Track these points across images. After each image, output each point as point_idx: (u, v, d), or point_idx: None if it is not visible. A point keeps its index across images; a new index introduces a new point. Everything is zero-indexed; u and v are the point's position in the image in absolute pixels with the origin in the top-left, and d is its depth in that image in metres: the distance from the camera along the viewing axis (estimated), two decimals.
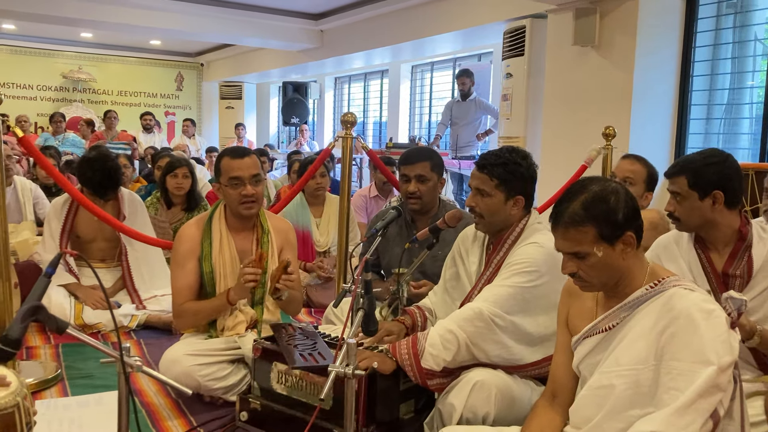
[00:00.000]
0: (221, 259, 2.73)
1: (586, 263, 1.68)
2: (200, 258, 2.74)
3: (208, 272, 2.73)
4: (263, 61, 11.78)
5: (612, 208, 1.65)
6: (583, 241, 1.66)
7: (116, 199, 3.93)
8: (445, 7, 7.48)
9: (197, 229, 2.80)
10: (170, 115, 14.05)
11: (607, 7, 5.24)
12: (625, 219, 1.66)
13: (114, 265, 3.96)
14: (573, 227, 1.67)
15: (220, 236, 2.77)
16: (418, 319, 2.50)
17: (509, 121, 6.42)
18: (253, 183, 2.72)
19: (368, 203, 5.42)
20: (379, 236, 2.58)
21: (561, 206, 1.71)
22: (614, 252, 1.67)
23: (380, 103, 11.20)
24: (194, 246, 2.76)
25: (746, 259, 2.16)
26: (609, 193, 1.67)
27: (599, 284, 1.72)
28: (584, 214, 1.65)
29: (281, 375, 2.34)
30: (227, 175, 2.72)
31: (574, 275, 1.72)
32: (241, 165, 2.71)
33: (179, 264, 2.76)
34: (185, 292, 2.73)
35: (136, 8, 8.75)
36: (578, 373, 1.83)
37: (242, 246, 2.81)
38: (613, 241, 1.66)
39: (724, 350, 1.53)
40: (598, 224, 1.65)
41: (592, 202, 1.66)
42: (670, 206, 2.22)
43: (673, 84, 5.30)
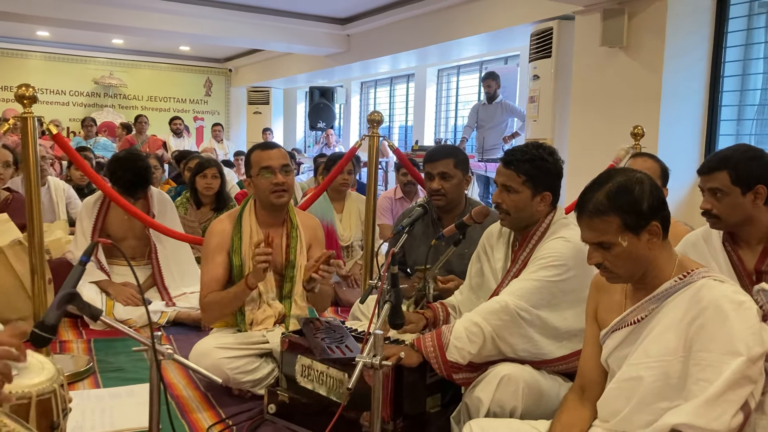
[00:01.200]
0: (251, 253, 2.76)
1: (611, 253, 1.67)
2: (230, 251, 2.79)
3: (238, 265, 2.77)
4: (290, 66, 11.88)
5: (637, 197, 1.64)
6: (608, 230, 1.65)
7: (146, 198, 4.00)
8: (471, 10, 7.48)
9: (228, 223, 2.85)
10: (199, 120, 14.23)
11: (635, 8, 5.20)
12: (650, 209, 1.65)
13: (144, 263, 4.02)
14: (597, 217, 1.66)
15: (250, 230, 2.81)
16: (440, 314, 2.50)
17: (536, 123, 6.39)
18: (283, 172, 2.78)
19: (393, 205, 5.44)
20: (405, 233, 2.59)
21: (586, 196, 1.71)
22: (639, 242, 1.66)
23: (406, 107, 11.22)
24: (224, 239, 2.81)
25: None
26: (634, 182, 1.66)
27: (626, 275, 1.70)
28: (608, 204, 1.65)
29: (304, 369, 2.36)
30: (258, 165, 2.78)
31: (600, 266, 1.71)
32: (271, 155, 2.79)
33: (208, 257, 2.81)
34: (212, 284, 2.77)
35: (166, 14, 8.89)
36: (607, 367, 1.82)
37: (274, 241, 2.81)
38: (638, 231, 1.65)
39: (755, 341, 1.52)
40: (622, 214, 1.64)
41: (617, 191, 1.65)
42: (707, 204, 2.16)
43: (703, 85, 5.24)
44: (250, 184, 2.85)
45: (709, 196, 2.17)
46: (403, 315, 2.29)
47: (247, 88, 13.69)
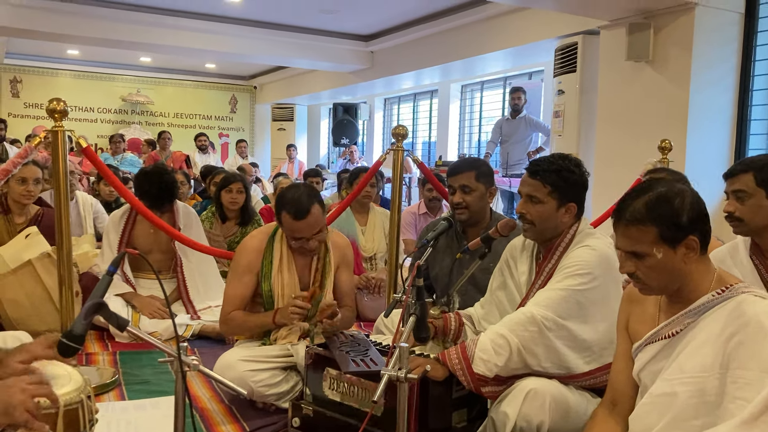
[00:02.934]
0: (280, 279, 2.76)
1: (644, 264, 1.63)
2: (259, 275, 2.79)
3: (267, 291, 2.77)
4: (314, 82, 11.98)
5: (676, 209, 1.60)
6: (643, 240, 1.62)
7: (172, 212, 4.03)
8: (495, 26, 7.49)
9: (260, 243, 2.83)
10: (224, 137, 14.39)
11: (661, 22, 5.17)
12: (689, 222, 1.60)
13: (169, 277, 4.04)
14: (634, 225, 1.63)
15: (281, 255, 2.79)
16: (451, 324, 2.46)
17: (561, 138, 6.36)
18: (317, 236, 2.71)
19: (417, 220, 5.43)
20: (430, 246, 2.57)
21: (624, 203, 1.67)
22: (675, 255, 1.62)
23: (429, 123, 11.23)
24: (255, 261, 2.79)
25: None
26: (674, 194, 1.63)
27: (658, 288, 1.67)
28: (646, 213, 1.61)
29: (333, 381, 2.34)
30: (290, 233, 2.70)
31: (633, 276, 1.67)
32: (302, 228, 2.66)
33: (237, 274, 2.80)
34: (237, 301, 2.77)
35: (193, 32, 9.03)
36: (638, 381, 1.78)
37: (302, 264, 2.84)
38: (674, 243, 1.61)
39: None
40: (660, 225, 1.60)
41: (656, 202, 1.62)
42: (731, 206, 2.16)
43: (732, 98, 5.18)
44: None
45: (733, 199, 2.15)
46: (429, 328, 2.27)
47: (272, 104, 13.83)
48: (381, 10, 8.27)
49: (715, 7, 5.00)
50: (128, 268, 3.95)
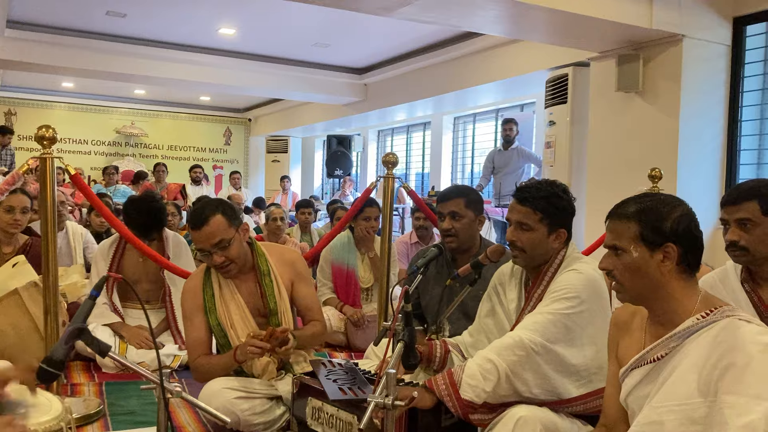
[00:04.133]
0: (224, 310, 2.68)
1: (621, 261, 1.67)
2: (205, 311, 2.69)
3: (216, 325, 2.68)
4: (309, 115, 12.06)
5: (662, 215, 1.64)
6: (624, 235, 1.66)
7: (161, 241, 4.00)
8: (487, 59, 7.58)
9: (197, 281, 2.75)
10: (218, 169, 14.42)
11: (650, 54, 5.23)
12: (671, 231, 1.63)
13: (158, 307, 4.01)
14: (619, 220, 1.68)
15: (219, 285, 2.71)
16: (436, 351, 2.40)
17: (553, 168, 6.39)
18: (220, 250, 2.57)
19: (409, 249, 5.43)
20: (420, 274, 2.56)
21: (618, 204, 1.73)
22: (651, 259, 1.63)
23: (423, 155, 11.29)
24: (197, 300, 2.71)
25: None
26: (666, 203, 1.67)
27: (630, 290, 1.67)
28: (634, 212, 1.67)
29: (315, 411, 2.31)
30: (196, 244, 2.62)
31: (609, 274, 1.70)
32: (200, 237, 2.57)
33: (188, 318, 2.73)
34: (198, 347, 2.70)
35: (187, 64, 9.11)
36: (626, 407, 1.75)
37: (247, 288, 2.74)
38: (653, 247, 1.63)
39: None
40: (642, 224, 1.64)
41: (646, 206, 1.67)
42: (735, 235, 2.10)
43: (721, 129, 5.22)
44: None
45: (737, 227, 2.11)
46: (418, 355, 2.24)
47: (266, 137, 13.90)
48: (374, 44, 8.37)
49: (703, 40, 5.07)
50: (117, 298, 3.91)
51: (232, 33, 8.22)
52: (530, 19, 4.97)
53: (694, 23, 5.00)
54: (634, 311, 1.79)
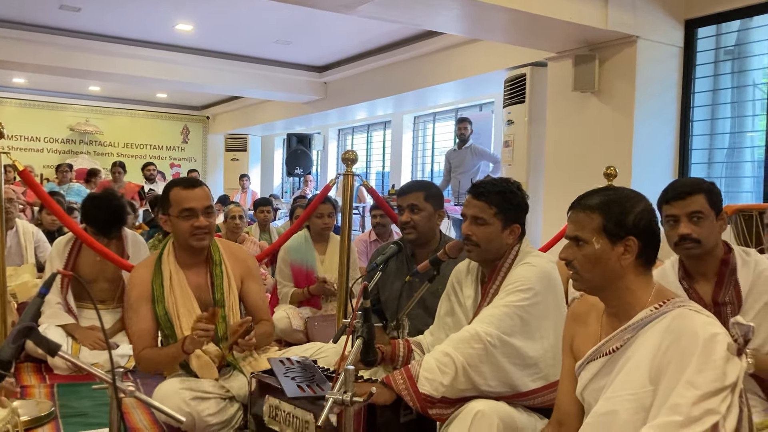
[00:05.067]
0: (173, 299, 2.63)
1: (582, 252, 1.68)
2: (153, 301, 2.64)
3: (163, 315, 2.62)
4: (268, 113, 11.96)
5: (626, 209, 1.67)
6: (587, 226, 1.68)
7: (120, 240, 3.92)
8: (446, 58, 7.63)
9: (146, 270, 2.69)
10: (175, 167, 14.21)
11: (606, 54, 5.32)
12: (633, 224, 1.66)
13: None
14: (583, 211, 1.70)
15: (170, 275, 2.66)
16: (399, 350, 2.40)
17: (511, 167, 6.46)
18: (206, 214, 2.62)
19: (368, 248, 5.41)
20: (379, 270, 2.55)
21: (581, 196, 1.75)
22: (612, 252, 1.66)
23: (383, 154, 11.30)
24: (145, 289, 2.65)
25: (733, 285, 2.14)
26: (629, 198, 1.70)
27: (590, 281, 1.69)
28: (597, 204, 1.69)
29: (272, 409, 2.28)
30: (179, 206, 2.60)
31: (569, 264, 1.71)
32: (194, 196, 2.61)
33: (133, 309, 2.65)
34: (143, 338, 2.62)
35: (144, 61, 8.95)
36: (582, 400, 1.77)
37: (196, 281, 2.71)
38: (614, 239, 1.65)
39: (716, 375, 1.48)
40: (605, 217, 1.66)
41: (610, 199, 1.69)
42: (687, 228, 2.16)
43: (674, 128, 5.34)
44: (166, 222, 2.68)
45: (688, 221, 2.16)
46: (376, 352, 2.24)
47: (225, 135, 13.74)
48: (335, 42, 8.34)
49: (656, 41, 5.18)
50: (71, 298, 3.81)
51: (190, 29, 8.10)
52: (489, 19, 5.01)
53: (647, 25, 5.11)
54: (590, 305, 1.81)
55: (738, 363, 1.54)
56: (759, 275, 2.13)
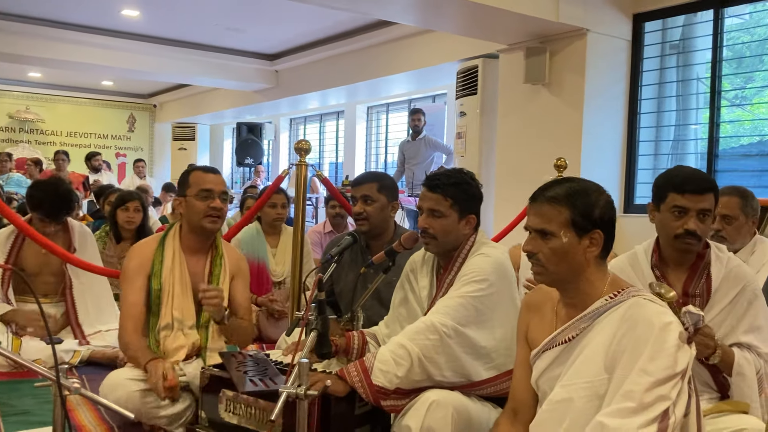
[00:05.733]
0: (171, 279, 2.66)
1: (548, 245, 1.67)
2: (150, 275, 2.68)
3: (156, 289, 2.66)
4: (217, 101, 11.76)
5: (592, 202, 1.68)
6: (554, 220, 1.67)
7: (66, 231, 3.79)
8: (398, 48, 7.61)
9: (150, 246, 2.75)
10: (121, 157, 13.86)
11: (556, 47, 5.39)
12: (599, 217, 1.67)
13: (57, 300, 3.79)
14: (549, 203, 1.68)
15: (173, 255, 2.71)
16: (354, 342, 2.39)
17: (463, 158, 6.49)
18: (222, 198, 2.71)
19: (323, 239, 5.37)
20: (334, 262, 2.52)
21: (544, 187, 1.73)
22: (579, 245, 1.66)
23: (336, 144, 11.23)
24: (145, 261, 2.70)
25: (705, 279, 2.17)
26: (593, 190, 1.71)
27: (554, 274, 1.69)
28: (564, 197, 1.68)
29: (230, 403, 2.24)
30: (198, 186, 2.69)
31: (533, 257, 1.70)
32: (214, 179, 2.73)
33: (127, 280, 2.68)
34: (132, 310, 2.64)
35: (88, 47, 8.67)
36: (537, 389, 1.78)
37: (194, 268, 2.74)
38: (581, 233, 1.66)
39: (668, 363, 1.52)
40: (573, 210, 1.66)
41: (577, 191, 1.69)
42: (695, 225, 2.10)
43: (622, 120, 5.45)
44: (181, 204, 2.73)
45: (697, 217, 2.11)
46: (330, 344, 2.21)
47: (172, 123, 13.46)
48: (286, 30, 8.23)
49: (605, 34, 5.27)
50: (11, 292, 3.66)
51: (137, 15, 7.88)
52: (441, 10, 5.01)
53: (597, 18, 5.19)
54: (545, 294, 1.83)
55: (688, 350, 1.58)
56: (730, 271, 2.15)
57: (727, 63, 5.08)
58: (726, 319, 2.12)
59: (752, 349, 2.10)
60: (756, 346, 2.10)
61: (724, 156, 5.08)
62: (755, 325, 2.12)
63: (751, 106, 5.23)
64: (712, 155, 5.00)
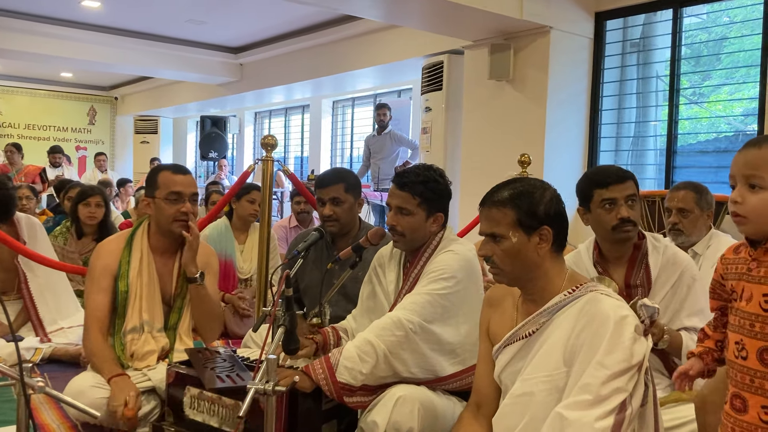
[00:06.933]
0: (139, 280, 2.60)
1: (500, 247, 1.72)
2: (116, 276, 2.60)
3: (123, 291, 2.59)
4: (180, 94, 11.60)
5: (535, 200, 1.72)
6: (502, 222, 1.71)
7: (12, 225, 3.68)
8: (364, 43, 7.60)
9: (117, 245, 2.67)
10: (81, 150, 13.59)
11: (520, 44, 5.45)
12: (545, 214, 1.71)
13: (14, 297, 3.71)
14: (495, 208, 1.73)
15: (141, 255, 2.63)
16: (330, 339, 2.42)
17: (429, 154, 6.53)
18: (192, 201, 2.64)
19: (288, 234, 5.35)
20: (301, 258, 2.53)
21: (491, 192, 1.77)
22: (529, 243, 1.71)
23: (301, 139, 11.19)
24: (112, 262, 2.62)
25: (644, 269, 2.26)
26: (536, 188, 1.75)
27: (511, 273, 1.74)
28: (508, 199, 1.72)
29: (194, 400, 2.23)
30: (167, 189, 2.59)
31: (489, 260, 1.75)
32: (183, 181, 2.63)
33: (94, 280, 2.61)
34: (96, 315, 2.57)
35: (46, 37, 8.48)
36: (500, 383, 1.82)
37: (163, 268, 2.68)
38: (529, 231, 1.70)
39: (624, 356, 1.56)
40: (518, 210, 1.70)
41: (519, 192, 1.73)
42: (627, 212, 2.22)
43: (584, 117, 5.54)
44: (149, 205, 2.65)
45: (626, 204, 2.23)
46: (298, 339, 2.22)
47: (134, 116, 13.24)
48: (250, 23, 8.15)
49: (568, 32, 5.35)
50: None
51: (98, 5, 7.72)
52: (406, 6, 5.03)
53: (560, 16, 5.26)
54: (506, 290, 1.86)
55: (644, 343, 1.63)
56: (668, 260, 2.26)
57: (685, 61, 5.21)
58: (669, 305, 2.22)
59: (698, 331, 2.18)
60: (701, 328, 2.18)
61: (682, 152, 5.21)
62: (697, 308, 2.23)
63: (707, 104, 5.37)
64: (671, 151, 5.12)
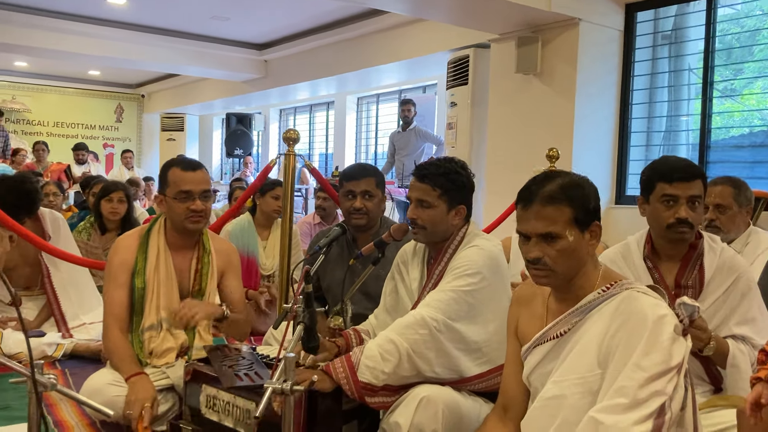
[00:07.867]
0: (156, 277, 2.57)
1: (554, 247, 1.61)
2: (133, 272, 2.57)
3: (140, 288, 2.55)
4: (206, 92, 11.64)
5: (587, 193, 1.63)
6: (558, 220, 1.60)
7: (37, 220, 3.69)
8: (389, 38, 7.53)
9: (134, 240, 2.63)
10: (109, 147, 13.72)
11: (548, 36, 5.33)
12: (594, 209, 1.64)
13: (38, 293, 3.71)
14: (551, 205, 1.60)
15: (157, 251, 2.60)
16: (352, 341, 2.36)
17: (454, 149, 6.44)
18: (203, 198, 2.58)
19: (312, 230, 5.31)
20: (322, 254, 2.47)
21: (533, 188, 1.64)
22: (583, 240, 1.62)
23: (326, 135, 11.15)
24: (129, 258, 2.59)
25: (698, 270, 2.13)
26: (582, 180, 1.66)
27: (561, 274, 1.63)
28: (562, 194, 1.61)
29: (210, 399, 2.18)
30: (177, 187, 2.55)
31: (538, 262, 1.62)
32: (193, 178, 2.56)
33: (111, 276, 2.58)
34: (116, 309, 2.55)
35: (75, 35, 8.54)
36: (528, 385, 1.74)
37: (180, 264, 2.65)
38: (583, 228, 1.62)
39: (662, 357, 1.47)
40: (574, 206, 1.60)
41: (570, 184, 1.63)
42: (687, 213, 2.08)
43: (613, 111, 5.41)
44: (162, 201, 2.62)
45: (687, 205, 2.08)
46: (318, 337, 2.16)
47: (161, 114, 13.32)
48: (275, 19, 8.13)
49: (597, 24, 5.22)
50: None
51: (123, 3, 7.75)
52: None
53: (589, 8, 5.13)
54: (535, 288, 1.78)
55: (684, 343, 1.54)
56: (724, 263, 2.11)
57: (718, 54, 5.04)
58: (719, 311, 2.09)
59: (746, 341, 2.07)
60: (750, 337, 2.06)
61: (715, 147, 5.05)
62: (749, 317, 2.09)
63: (741, 98, 5.21)
64: (704, 146, 4.97)
